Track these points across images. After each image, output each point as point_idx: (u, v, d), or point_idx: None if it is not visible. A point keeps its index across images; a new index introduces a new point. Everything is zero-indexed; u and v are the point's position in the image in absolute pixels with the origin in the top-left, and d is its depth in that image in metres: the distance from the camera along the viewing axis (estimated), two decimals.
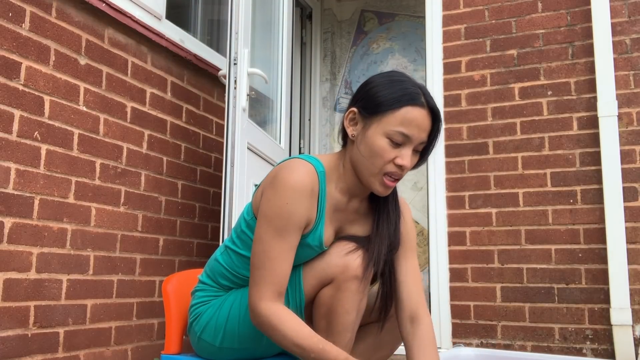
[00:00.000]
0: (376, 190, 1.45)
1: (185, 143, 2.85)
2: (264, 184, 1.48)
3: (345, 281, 1.43)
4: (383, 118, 1.41)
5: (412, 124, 1.40)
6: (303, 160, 1.45)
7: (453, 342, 2.86)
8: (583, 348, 2.66)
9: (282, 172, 1.41)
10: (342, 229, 1.55)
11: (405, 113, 1.39)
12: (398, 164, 1.41)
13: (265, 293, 1.37)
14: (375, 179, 1.43)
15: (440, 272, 2.94)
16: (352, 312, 1.46)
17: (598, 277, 2.68)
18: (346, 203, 1.53)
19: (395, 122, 1.40)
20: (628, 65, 2.76)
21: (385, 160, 1.41)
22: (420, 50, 4.43)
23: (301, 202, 1.40)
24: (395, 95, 1.41)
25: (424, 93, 1.43)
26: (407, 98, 1.40)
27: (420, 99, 1.41)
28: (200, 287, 1.61)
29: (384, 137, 1.41)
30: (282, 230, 1.38)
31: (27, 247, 2.02)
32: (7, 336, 1.93)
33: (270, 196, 1.41)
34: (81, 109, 2.28)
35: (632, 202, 2.66)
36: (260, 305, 1.37)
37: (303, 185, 1.40)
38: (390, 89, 1.42)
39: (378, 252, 1.47)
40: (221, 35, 3.42)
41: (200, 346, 1.58)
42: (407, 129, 1.39)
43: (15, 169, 1.99)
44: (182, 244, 2.79)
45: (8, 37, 2.00)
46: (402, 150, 1.41)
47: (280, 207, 1.38)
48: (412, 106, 1.40)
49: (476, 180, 2.96)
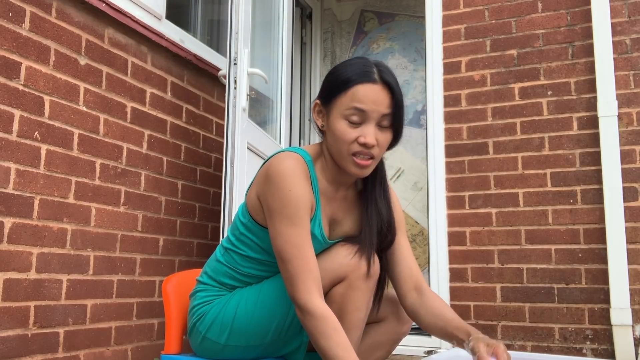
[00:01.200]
0: (352, 172, 1.46)
1: (185, 143, 2.85)
2: (256, 183, 1.50)
3: (357, 279, 1.46)
4: (338, 101, 1.45)
5: (364, 99, 1.42)
6: (289, 151, 1.48)
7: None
8: (583, 348, 2.66)
9: (273, 165, 1.44)
10: (335, 219, 1.57)
11: (355, 91, 1.43)
12: (361, 142, 1.42)
13: (311, 286, 1.37)
14: (346, 161, 1.45)
15: (440, 272, 2.94)
16: (363, 309, 1.49)
17: (598, 277, 2.68)
18: (335, 192, 1.55)
19: (347, 101, 1.43)
20: (628, 65, 2.76)
21: (348, 141, 1.43)
22: (420, 50, 4.43)
23: (301, 185, 1.42)
24: (342, 78, 1.45)
25: (378, 70, 1.45)
26: (355, 77, 1.43)
27: (371, 75, 1.43)
28: (200, 287, 1.61)
29: (342, 119, 1.44)
30: (295, 217, 1.40)
31: (27, 247, 2.02)
32: (7, 336, 1.93)
33: (271, 190, 1.42)
34: (81, 109, 2.28)
35: (632, 202, 2.66)
36: (312, 302, 1.36)
37: (297, 170, 1.43)
38: (338, 74, 1.47)
39: (369, 244, 1.50)
40: (221, 35, 3.41)
41: (204, 346, 1.58)
42: (359, 104, 1.42)
43: (15, 169, 1.99)
44: (182, 244, 2.79)
45: (8, 37, 2.00)
46: (363, 128, 1.43)
47: (286, 196, 1.40)
48: (362, 83, 1.43)
49: (476, 180, 2.96)
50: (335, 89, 1.46)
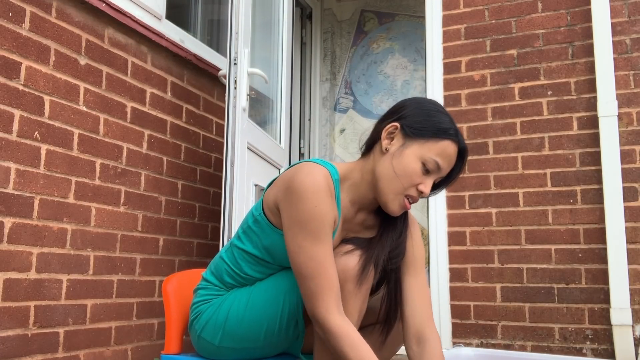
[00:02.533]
0: (392, 209, 1.46)
1: (185, 143, 2.85)
2: (278, 188, 1.46)
3: (343, 282, 1.42)
4: (426, 143, 1.44)
5: (446, 158, 1.45)
6: (318, 164, 1.44)
7: (453, 342, 2.86)
8: (583, 348, 2.66)
9: (299, 176, 1.40)
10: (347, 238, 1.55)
11: (446, 145, 1.44)
12: (420, 190, 1.45)
13: (330, 304, 1.35)
14: (396, 197, 1.45)
15: (440, 272, 2.94)
16: (355, 315, 1.45)
17: (598, 277, 2.68)
18: (354, 214, 1.53)
19: (435, 150, 1.44)
20: (628, 65, 2.76)
21: (412, 183, 1.44)
22: (420, 50, 4.43)
23: (327, 202, 1.39)
24: (442, 126, 1.45)
25: (458, 132, 1.49)
26: (451, 132, 1.46)
27: (458, 136, 1.47)
28: (203, 285, 1.61)
29: (419, 161, 1.44)
30: (320, 232, 1.38)
31: (27, 247, 2.02)
32: (7, 336, 1.93)
33: (295, 202, 1.39)
34: (81, 109, 2.28)
35: (632, 202, 2.66)
36: (331, 320, 1.35)
37: (323, 186, 1.39)
38: (438, 118, 1.47)
39: (377, 255, 1.46)
40: (221, 35, 3.42)
41: (200, 345, 1.59)
42: (441, 160, 1.44)
43: (15, 169, 1.99)
44: (182, 244, 2.79)
45: (8, 37, 2.00)
46: (427, 178, 1.45)
47: (311, 210, 1.37)
48: (452, 141, 1.45)
49: (476, 180, 2.96)
50: (429, 131, 1.45)
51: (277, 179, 1.50)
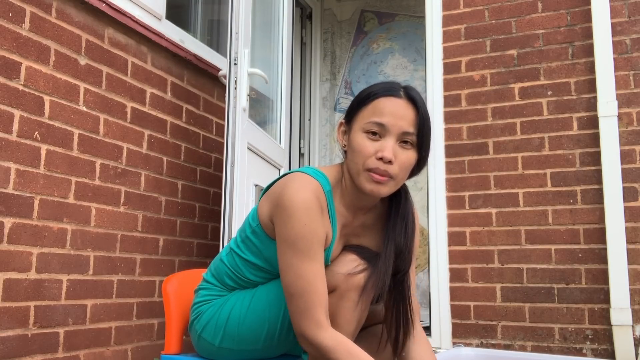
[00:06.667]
0: (366, 188, 1.39)
1: (185, 143, 2.85)
2: (269, 201, 1.44)
3: (347, 290, 1.41)
4: (359, 116, 1.42)
5: (385, 112, 1.38)
6: (309, 177, 1.41)
7: (453, 342, 2.86)
8: (583, 348, 2.66)
9: (288, 192, 1.36)
10: (349, 242, 1.53)
11: (376, 103, 1.40)
12: (379, 157, 1.37)
13: (320, 318, 1.32)
14: (361, 176, 1.39)
15: (440, 272, 2.94)
16: (353, 323, 1.44)
17: (598, 277, 2.68)
18: (352, 218, 1.51)
19: (368, 114, 1.40)
20: (628, 65, 2.76)
21: (365, 155, 1.38)
22: (420, 50, 4.43)
23: (317, 219, 1.36)
24: (366, 92, 1.43)
25: (405, 87, 1.42)
26: (378, 91, 1.40)
27: (395, 91, 1.40)
28: (204, 285, 1.61)
29: (361, 132, 1.40)
30: (309, 251, 1.35)
31: (27, 247, 2.02)
32: (7, 336, 1.93)
33: (284, 220, 1.36)
34: (81, 109, 2.28)
35: (632, 202, 2.66)
36: (321, 335, 1.31)
37: (313, 203, 1.36)
38: (367, 89, 1.44)
39: (385, 272, 1.43)
40: (221, 35, 3.42)
41: (200, 345, 1.59)
42: (379, 117, 1.38)
43: (15, 169, 1.99)
44: (182, 244, 2.79)
45: (8, 37, 2.00)
46: (380, 143, 1.38)
47: (301, 229, 1.34)
48: (385, 97, 1.40)
49: (476, 180, 2.96)
50: (358, 105, 1.43)
51: (270, 191, 1.47)
